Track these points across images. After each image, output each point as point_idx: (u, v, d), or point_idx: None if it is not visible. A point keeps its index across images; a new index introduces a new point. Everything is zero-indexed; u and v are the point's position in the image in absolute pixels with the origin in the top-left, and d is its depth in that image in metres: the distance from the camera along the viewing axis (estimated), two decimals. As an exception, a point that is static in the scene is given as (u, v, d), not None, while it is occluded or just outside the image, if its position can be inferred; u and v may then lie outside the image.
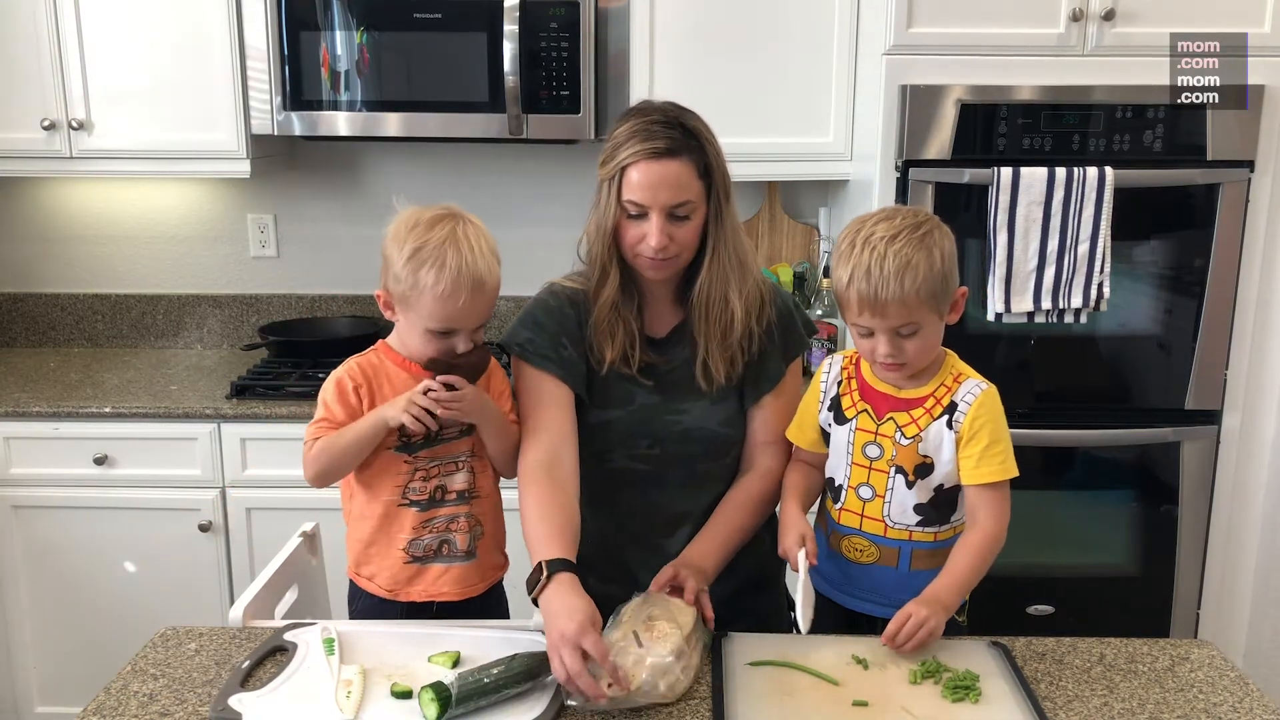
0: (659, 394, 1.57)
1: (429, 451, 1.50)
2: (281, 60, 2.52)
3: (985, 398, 1.43)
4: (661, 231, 1.45)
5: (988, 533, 1.41)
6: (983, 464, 1.41)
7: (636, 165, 1.44)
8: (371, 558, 1.54)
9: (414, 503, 1.51)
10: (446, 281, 1.40)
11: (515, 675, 1.27)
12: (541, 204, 2.94)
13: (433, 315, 1.43)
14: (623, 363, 1.55)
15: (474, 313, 1.44)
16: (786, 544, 1.47)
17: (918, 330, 1.39)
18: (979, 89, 2.27)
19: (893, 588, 1.47)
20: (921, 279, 1.36)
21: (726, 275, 1.52)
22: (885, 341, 1.40)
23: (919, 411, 1.44)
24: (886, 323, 1.38)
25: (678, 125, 1.46)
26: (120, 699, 1.30)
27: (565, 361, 1.55)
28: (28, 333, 3.06)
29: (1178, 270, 2.39)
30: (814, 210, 2.93)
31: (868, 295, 1.36)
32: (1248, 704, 1.31)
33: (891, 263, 1.35)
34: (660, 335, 1.59)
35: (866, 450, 1.47)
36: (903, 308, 1.36)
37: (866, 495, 1.48)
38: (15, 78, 2.57)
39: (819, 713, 1.25)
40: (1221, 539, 2.48)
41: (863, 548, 1.49)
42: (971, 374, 1.47)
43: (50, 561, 2.53)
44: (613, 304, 1.53)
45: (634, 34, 2.53)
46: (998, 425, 1.43)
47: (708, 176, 1.47)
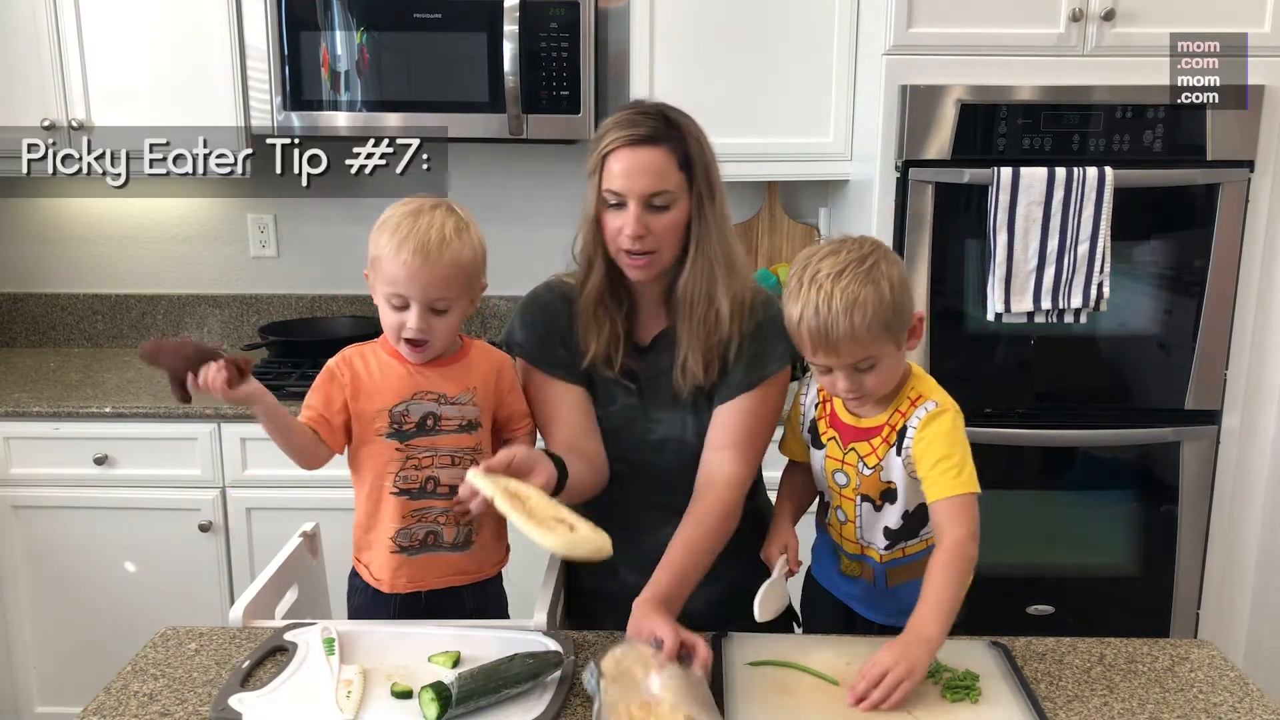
0: (639, 399, 1.57)
1: (426, 441, 1.50)
2: (281, 60, 2.52)
3: (930, 418, 1.39)
4: (638, 220, 1.44)
5: (950, 546, 1.34)
6: (936, 482, 1.37)
7: (616, 153, 1.45)
8: (368, 544, 1.55)
9: (403, 491, 1.51)
10: (396, 240, 1.42)
11: (515, 675, 1.27)
12: (541, 204, 2.94)
13: (383, 277, 1.45)
14: (605, 363, 1.55)
15: (418, 280, 1.43)
16: (768, 551, 1.50)
17: (875, 364, 1.37)
18: (979, 89, 2.27)
19: (879, 598, 1.50)
20: (871, 314, 1.33)
21: (712, 273, 1.49)
22: (843, 378, 1.38)
23: (877, 440, 1.44)
24: (841, 360, 1.36)
25: (659, 116, 1.46)
26: (120, 699, 1.30)
27: (561, 361, 1.56)
28: (28, 333, 3.06)
29: (1177, 270, 2.39)
30: (814, 210, 2.93)
31: (819, 334, 1.34)
32: (1248, 704, 1.31)
33: (839, 301, 1.32)
34: (645, 342, 1.58)
35: (836, 477, 1.48)
36: (855, 344, 1.34)
37: (841, 518, 1.50)
38: (15, 78, 2.57)
39: (819, 713, 1.25)
40: (1221, 539, 2.48)
41: (846, 564, 1.53)
42: (932, 393, 1.43)
43: (50, 561, 2.53)
44: (598, 299, 1.54)
45: (634, 34, 2.53)
46: (948, 441, 1.38)
47: (688, 168, 1.46)
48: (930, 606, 1.30)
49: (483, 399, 1.54)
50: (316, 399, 1.51)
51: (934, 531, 1.40)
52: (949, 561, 1.33)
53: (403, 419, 1.49)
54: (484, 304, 2.88)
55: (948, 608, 1.30)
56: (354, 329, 2.91)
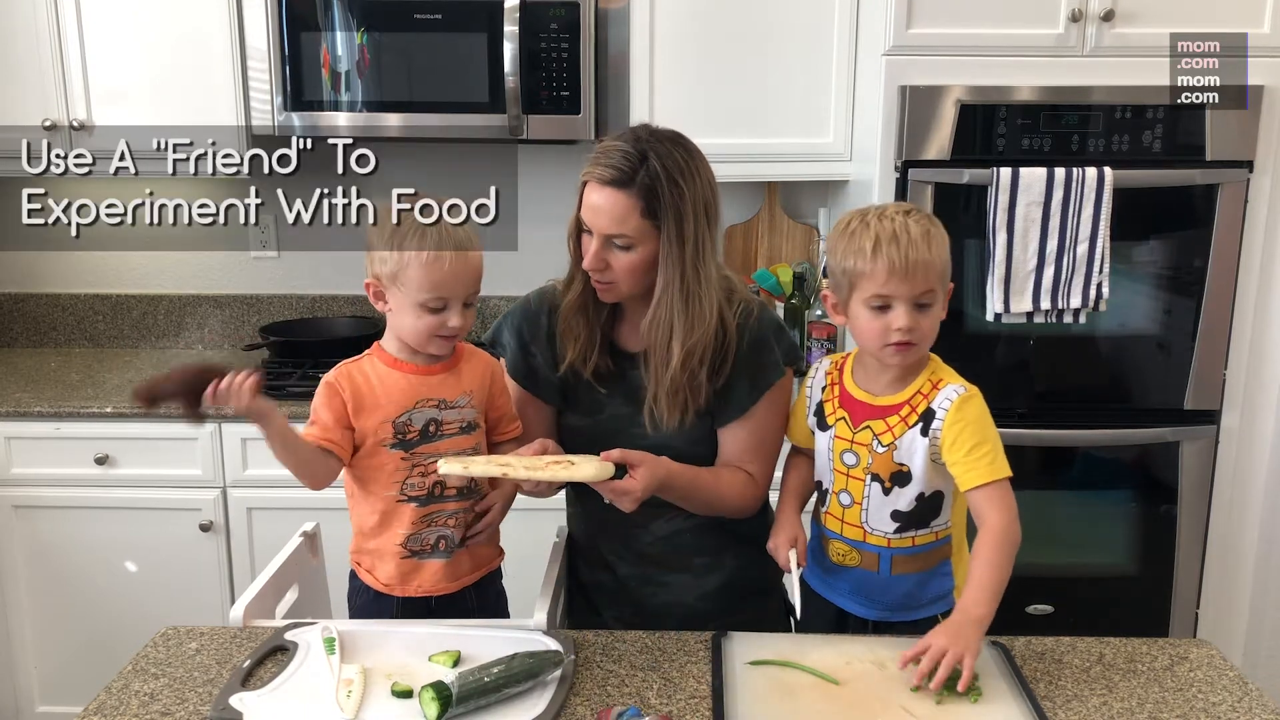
0: (628, 407, 1.57)
1: (430, 447, 1.51)
2: (282, 60, 2.52)
3: (962, 402, 1.41)
4: (597, 255, 1.46)
5: (996, 529, 1.38)
6: (971, 469, 1.39)
7: (590, 185, 1.47)
8: (371, 551, 1.55)
9: (413, 498, 1.51)
10: (431, 245, 1.43)
11: (515, 675, 1.27)
12: (541, 204, 2.94)
13: (421, 285, 1.45)
14: (581, 367, 1.56)
15: (461, 279, 1.46)
16: (776, 542, 1.49)
17: (932, 305, 1.40)
18: (978, 89, 2.27)
19: (876, 590, 1.49)
20: (943, 247, 1.39)
21: (671, 319, 1.47)
22: (905, 314, 1.38)
23: (894, 419, 1.44)
24: (912, 289, 1.37)
25: (640, 159, 1.43)
26: (121, 698, 1.30)
27: (532, 371, 1.59)
28: (28, 333, 3.06)
29: (1177, 270, 2.39)
30: (814, 210, 2.93)
31: (898, 259, 1.36)
32: (1247, 704, 1.31)
33: (915, 229, 1.37)
34: (634, 349, 1.58)
35: (844, 458, 1.48)
36: (929, 272, 1.37)
37: (845, 502, 1.49)
38: (15, 78, 2.57)
39: (819, 713, 1.25)
40: (1221, 539, 2.48)
41: (844, 552, 1.51)
42: (952, 379, 1.45)
43: (51, 561, 2.53)
44: (577, 309, 1.55)
45: (634, 34, 2.53)
46: (980, 427, 1.41)
47: (654, 215, 1.44)
48: (979, 588, 1.34)
49: (479, 400, 1.55)
50: (323, 415, 1.50)
51: (975, 518, 1.42)
52: (996, 543, 1.37)
53: (406, 429, 1.49)
54: (484, 304, 2.88)
55: (996, 589, 1.34)
56: (354, 329, 2.91)
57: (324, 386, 1.51)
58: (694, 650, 1.42)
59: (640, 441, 1.56)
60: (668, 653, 1.41)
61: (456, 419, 1.52)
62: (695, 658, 1.40)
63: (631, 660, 1.39)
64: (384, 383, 1.51)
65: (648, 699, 1.30)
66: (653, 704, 1.28)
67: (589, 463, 1.39)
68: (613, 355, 1.58)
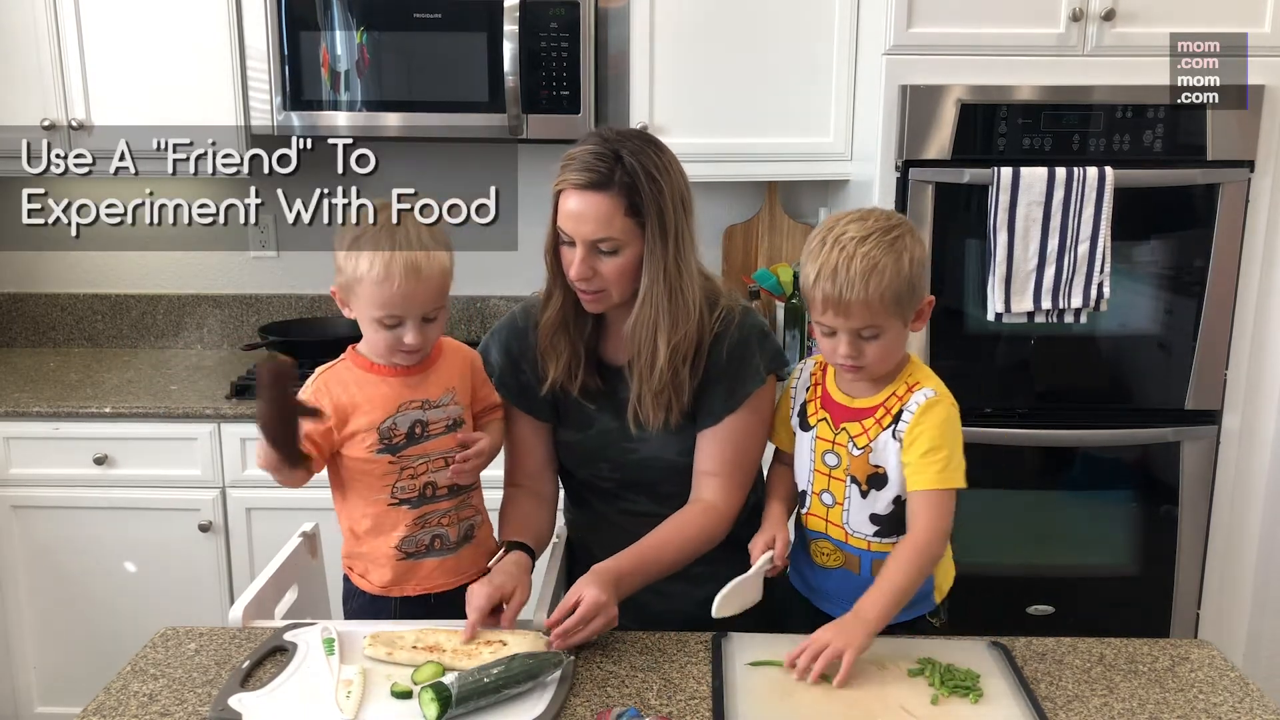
0: (617, 420, 1.56)
1: (417, 449, 1.50)
2: (281, 60, 2.52)
3: (929, 405, 1.40)
4: (583, 263, 1.44)
5: (920, 538, 1.37)
6: (921, 471, 1.38)
7: (566, 193, 1.44)
8: (363, 555, 1.54)
9: (404, 501, 1.50)
10: (379, 266, 1.40)
11: (515, 675, 1.27)
12: (541, 204, 2.93)
13: (372, 302, 1.43)
14: (567, 384, 1.55)
15: (415, 298, 1.43)
16: (755, 540, 1.47)
17: (879, 334, 1.37)
18: (979, 89, 2.27)
19: (857, 591, 1.48)
20: (887, 283, 1.34)
21: (657, 318, 1.46)
22: (846, 342, 1.38)
23: (869, 422, 1.43)
24: (849, 323, 1.36)
25: (614, 158, 1.41)
26: (120, 699, 1.30)
27: (523, 388, 1.59)
28: (28, 333, 3.06)
29: (1177, 270, 2.39)
30: (814, 210, 2.93)
31: (832, 295, 1.35)
32: (1248, 704, 1.31)
33: (859, 264, 1.34)
34: (619, 362, 1.57)
35: (825, 459, 1.48)
36: (866, 310, 1.35)
37: (828, 502, 1.49)
38: (15, 78, 2.56)
39: (819, 713, 1.25)
40: (1221, 539, 2.48)
41: (828, 552, 1.50)
42: (929, 382, 1.44)
43: (50, 561, 2.53)
44: (557, 326, 1.53)
45: (634, 34, 2.53)
46: (940, 432, 1.39)
47: (637, 214, 1.42)
48: (880, 593, 1.34)
49: (462, 395, 1.54)
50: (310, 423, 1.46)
51: (908, 519, 1.40)
52: (912, 555, 1.36)
53: (391, 433, 1.48)
54: (484, 304, 2.89)
55: (897, 598, 1.34)
56: (353, 329, 2.88)
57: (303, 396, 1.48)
58: (694, 651, 1.42)
59: (630, 455, 1.56)
60: (667, 653, 1.41)
61: (442, 418, 1.51)
62: (695, 658, 1.40)
63: (631, 661, 1.39)
64: (364, 389, 1.49)
65: (647, 700, 1.30)
66: (652, 705, 1.28)
67: (522, 638, 1.37)
68: (599, 371, 1.57)
